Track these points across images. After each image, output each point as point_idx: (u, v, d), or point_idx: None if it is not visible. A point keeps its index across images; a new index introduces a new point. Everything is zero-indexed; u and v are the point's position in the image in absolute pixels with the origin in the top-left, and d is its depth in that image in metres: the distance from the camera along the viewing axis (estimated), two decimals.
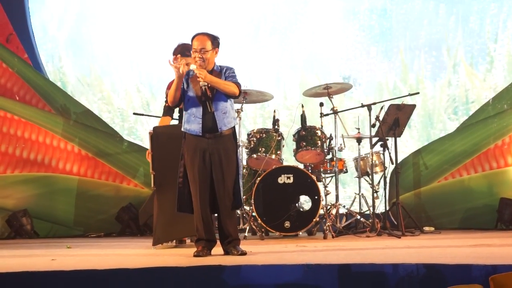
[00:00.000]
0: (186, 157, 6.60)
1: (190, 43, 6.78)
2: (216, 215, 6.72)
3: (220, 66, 6.73)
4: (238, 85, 6.66)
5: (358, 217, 9.37)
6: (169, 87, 8.44)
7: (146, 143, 9.68)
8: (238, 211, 8.72)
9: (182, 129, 6.67)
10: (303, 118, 9.39)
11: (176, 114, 8.26)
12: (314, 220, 8.81)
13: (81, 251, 7.76)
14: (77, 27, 11.10)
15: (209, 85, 6.55)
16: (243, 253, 6.50)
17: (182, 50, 8.28)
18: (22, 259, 6.97)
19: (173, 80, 8.44)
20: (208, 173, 6.55)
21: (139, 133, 10.98)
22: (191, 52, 6.71)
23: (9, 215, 10.33)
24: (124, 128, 11.02)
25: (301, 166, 9.26)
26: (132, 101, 11.05)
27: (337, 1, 10.91)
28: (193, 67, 6.57)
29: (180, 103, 6.72)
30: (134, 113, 10.44)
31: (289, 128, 9.52)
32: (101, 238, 10.17)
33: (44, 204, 10.55)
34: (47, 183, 10.60)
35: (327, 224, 8.81)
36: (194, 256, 6.47)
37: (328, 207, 9.15)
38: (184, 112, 6.70)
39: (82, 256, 7.12)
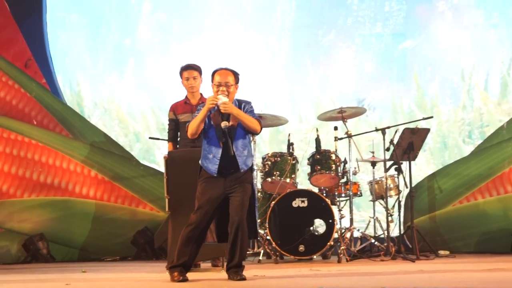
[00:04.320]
0: (198, 187, 6.61)
1: (211, 76, 6.67)
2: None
3: (237, 100, 6.67)
4: (260, 122, 6.64)
5: (373, 240, 9.38)
6: (171, 109, 8.54)
7: (162, 167, 9.76)
8: None
9: (200, 162, 6.67)
10: (317, 141, 9.44)
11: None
12: (328, 243, 8.81)
13: (96, 276, 7.80)
14: (94, 52, 11.23)
15: (230, 126, 6.52)
16: (242, 279, 6.50)
17: (186, 65, 8.44)
18: (37, 284, 7.02)
19: (176, 103, 8.57)
20: (217, 204, 6.58)
21: (155, 157, 11.05)
22: (212, 86, 6.63)
23: (26, 239, 10.43)
24: (141, 152, 11.09)
25: (315, 189, 9.29)
26: (148, 125, 11.13)
27: (353, 25, 10.97)
28: (223, 98, 6.46)
29: (199, 137, 6.66)
30: (150, 138, 10.51)
31: (303, 152, 9.55)
32: (116, 262, 10.22)
33: (60, 228, 10.63)
34: (64, 207, 10.69)
35: (341, 248, 8.81)
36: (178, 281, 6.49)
37: (343, 230, 9.18)
38: (203, 147, 6.68)
39: (96, 281, 7.16)
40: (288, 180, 9.19)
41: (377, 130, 9.35)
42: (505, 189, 10.25)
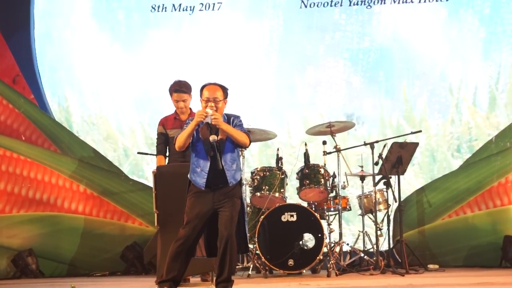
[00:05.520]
0: (187, 202, 6.60)
1: (200, 91, 6.65)
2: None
3: (226, 114, 6.67)
4: (248, 136, 6.64)
5: (362, 255, 9.38)
6: (161, 123, 8.55)
7: (151, 182, 9.74)
8: None
9: (188, 176, 6.66)
10: (306, 156, 9.45)
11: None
12: (317, 258, 8.82)
13: None
14: (82, 68, 11.21)
15: (219, 139, 6.52)
16: None
17: (176, 87, 8.42)
18: None
19: (166, 117, 8.59)
20: (206, 218, 6.56)
21: (144, 172, 11.02)
22: (200, 101, 6.64)
23: (15, 255, 10.37)
24: (129, 167, 11.07)
25: (304, 204, 9.30)
26: (136, 140, 11.11)
27: (341, 40, 10.98)
28: (209, 111, 6.45)
29: (187, 149, 6.68)
30: (139, 153, 10.53)
31: (292, 166, 9.57)
32: (106, 277, 10.18)
33: (49, 243, 10.58)
34: (53, 222, 10.64)
35: (330, 262, 8.81)
36: None
37: (332, 244, 9.18)
38: (191, 160, 6.67)
39: None
40: (277, 194, 9.21)
41: (365, 144, 9.39)
42: (494, 203, 10.27)
